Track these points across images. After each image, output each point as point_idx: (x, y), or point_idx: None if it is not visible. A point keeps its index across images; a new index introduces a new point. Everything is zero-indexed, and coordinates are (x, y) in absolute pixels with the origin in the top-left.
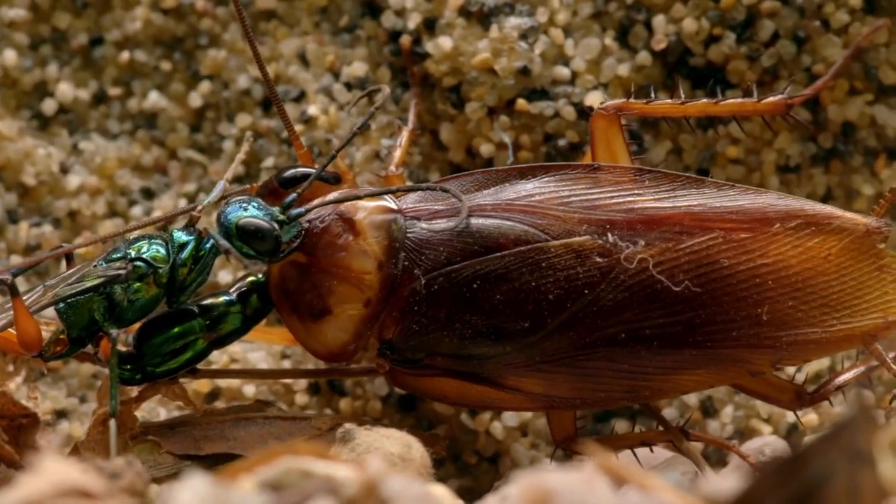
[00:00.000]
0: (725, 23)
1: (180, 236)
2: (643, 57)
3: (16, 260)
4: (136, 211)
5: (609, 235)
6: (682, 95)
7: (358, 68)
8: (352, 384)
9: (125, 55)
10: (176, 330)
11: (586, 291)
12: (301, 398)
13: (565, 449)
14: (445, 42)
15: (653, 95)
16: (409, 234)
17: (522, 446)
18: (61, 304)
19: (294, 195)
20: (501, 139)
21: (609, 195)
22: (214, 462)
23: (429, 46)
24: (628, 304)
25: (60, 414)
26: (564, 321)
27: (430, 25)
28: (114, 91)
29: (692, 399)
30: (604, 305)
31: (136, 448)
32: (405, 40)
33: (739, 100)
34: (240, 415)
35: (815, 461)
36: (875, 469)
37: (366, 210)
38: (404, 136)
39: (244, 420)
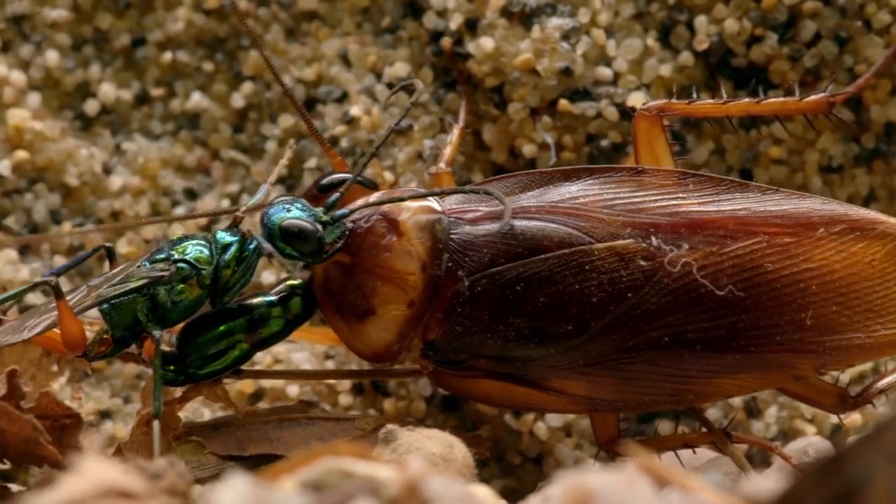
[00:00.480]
0: (767, 23)
1: (224, 237)
2: (685, 57)
3: (59, 260)
4: (179, 211)
5: (653, 239)
6: (725, 95)
7: (400, 69)
8: (395, 385)
9: (167, 56)
10: (219, 330)
11: (629, 295)
12: (345, 399)
13: (608, 450)
14: (487, 43)
15: (695, 96)
16: (452, 235)
17: (566, 447)
18: (105, 305)
19: (336, 195)
20: (544, 140)
21: (653, 198)
22: (258, 463)
23: (471, 47)
24: (671, 307)
25: (104, 414)
26: (607, 324)
27: (471, 26)
28: (156, 91)
29: (736, 400)
30: (647, 309)
31: (179, 448)
32: (446, 42)
33: (781, 99)
34: (283, 415)
35: (855, 462)
36: None
37: (409, 211)
38: (455, 134)
39: (287, 421)
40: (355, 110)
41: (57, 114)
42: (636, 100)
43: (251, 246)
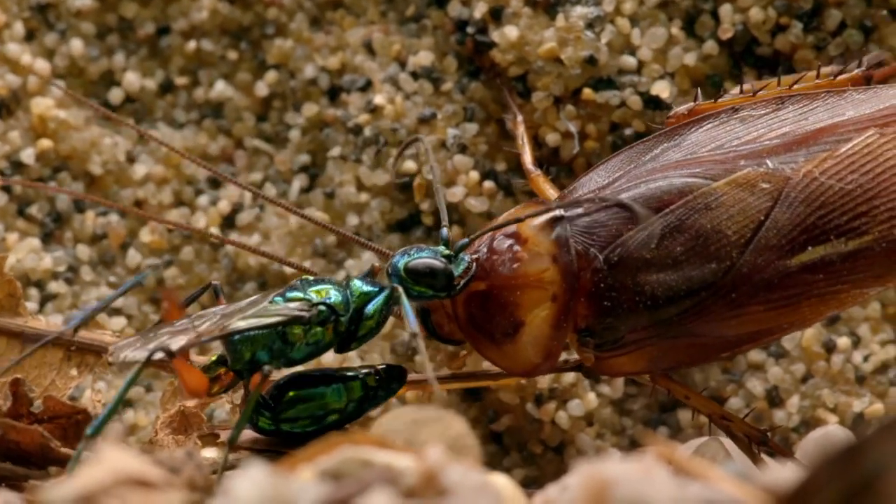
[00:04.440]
0: (792, 12)
1: (361, 286)
2: (710, 46)
3: (82, 249)
4: (203, 200)
5: (769, 162)
6: (752, 85)
7: (424, 57)
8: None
9: (192, 45)
10: (317, 393)
11: (762, 218)
12: None
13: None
14: (511, 31)
15: (722, 90)
16: (573, 222)
17: (588, 436)
18: (236, 336)
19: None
20: (567, 128)
21: (757, 128)
22: (276, 455)
23: (495, 36)
24: (806, 216)
25: (125, 403)
26: (750, 252)
27: (496, 15)
28: (180, 80)
29: (758, 389)
30: (783, 226)
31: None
32: (469, 43)
33: (813, 82)
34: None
35: (872, 452)
36: None
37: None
38: (521, 129)
39: None
40: (379, 99)
41: (81, 102)
42: (660, 88)
43: (381, 297)
